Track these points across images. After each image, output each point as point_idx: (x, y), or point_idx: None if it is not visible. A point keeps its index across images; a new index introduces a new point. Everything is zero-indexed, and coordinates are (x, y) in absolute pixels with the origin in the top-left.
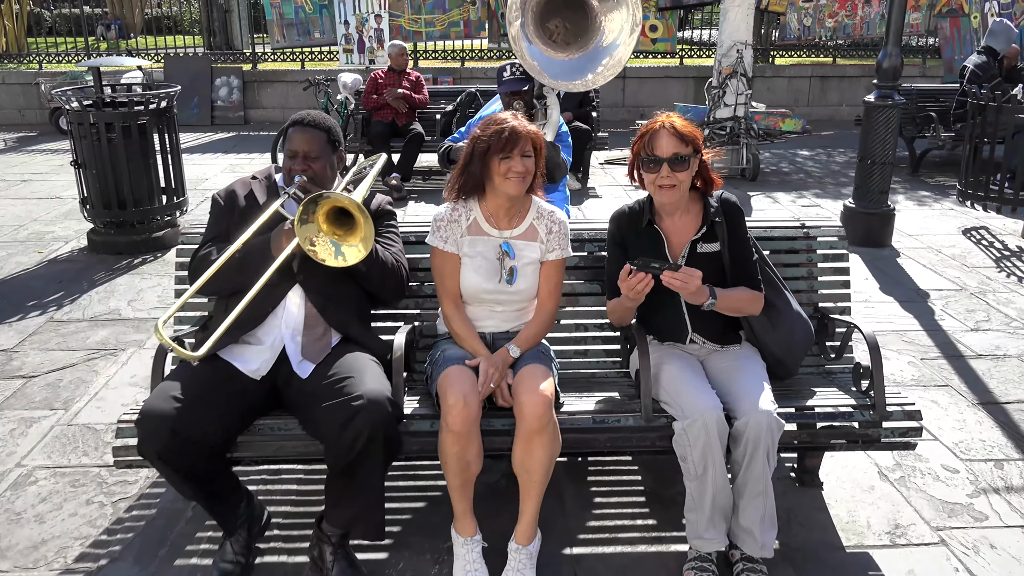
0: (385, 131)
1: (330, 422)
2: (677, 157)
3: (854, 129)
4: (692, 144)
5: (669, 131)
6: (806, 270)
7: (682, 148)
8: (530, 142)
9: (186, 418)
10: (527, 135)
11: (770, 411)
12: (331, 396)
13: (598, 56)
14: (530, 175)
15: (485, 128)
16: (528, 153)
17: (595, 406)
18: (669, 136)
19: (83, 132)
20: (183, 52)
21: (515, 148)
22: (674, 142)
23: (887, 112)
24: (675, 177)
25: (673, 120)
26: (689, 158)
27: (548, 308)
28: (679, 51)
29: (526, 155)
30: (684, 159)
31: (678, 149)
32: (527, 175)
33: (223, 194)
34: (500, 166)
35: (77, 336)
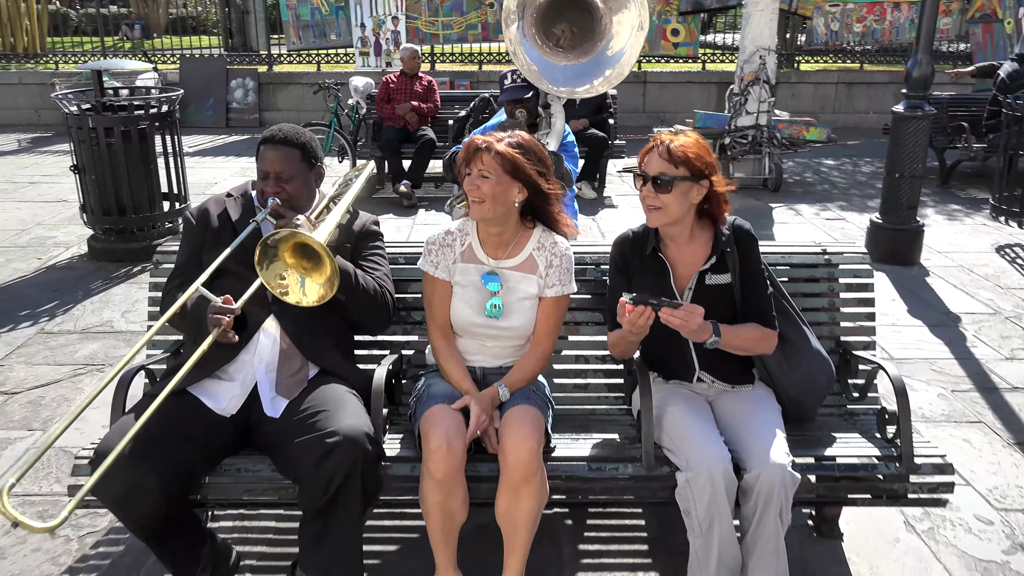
0: (396, 137)
1: (303, 460)
2: (662, 178)
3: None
4: (688, 167)
5: (661, 149)
6: (827, 300)
7: (669, 168)
8: (496, 162)
9: (143, 461)
10: (489, 152)
11: (784, 465)
12: (304, 432)
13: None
14: (495, 203)
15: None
16: (486, 174)
17: (591, 451)
18: (662, 154)
19: (82, 136)
20: (200, 53)
21: (471, 165)
22: (662, 162)
23: (916, 123)
24: (658, 198)
25: (671, 139)
26: (674, 181)
27: (544, 348)
28: (702, 56)
29: (483, 175)
30: (668, 181)
31: (664, 169)
32: (486, 201)
33: (195, 212)
34: (465, 184)
35: (66, 350)
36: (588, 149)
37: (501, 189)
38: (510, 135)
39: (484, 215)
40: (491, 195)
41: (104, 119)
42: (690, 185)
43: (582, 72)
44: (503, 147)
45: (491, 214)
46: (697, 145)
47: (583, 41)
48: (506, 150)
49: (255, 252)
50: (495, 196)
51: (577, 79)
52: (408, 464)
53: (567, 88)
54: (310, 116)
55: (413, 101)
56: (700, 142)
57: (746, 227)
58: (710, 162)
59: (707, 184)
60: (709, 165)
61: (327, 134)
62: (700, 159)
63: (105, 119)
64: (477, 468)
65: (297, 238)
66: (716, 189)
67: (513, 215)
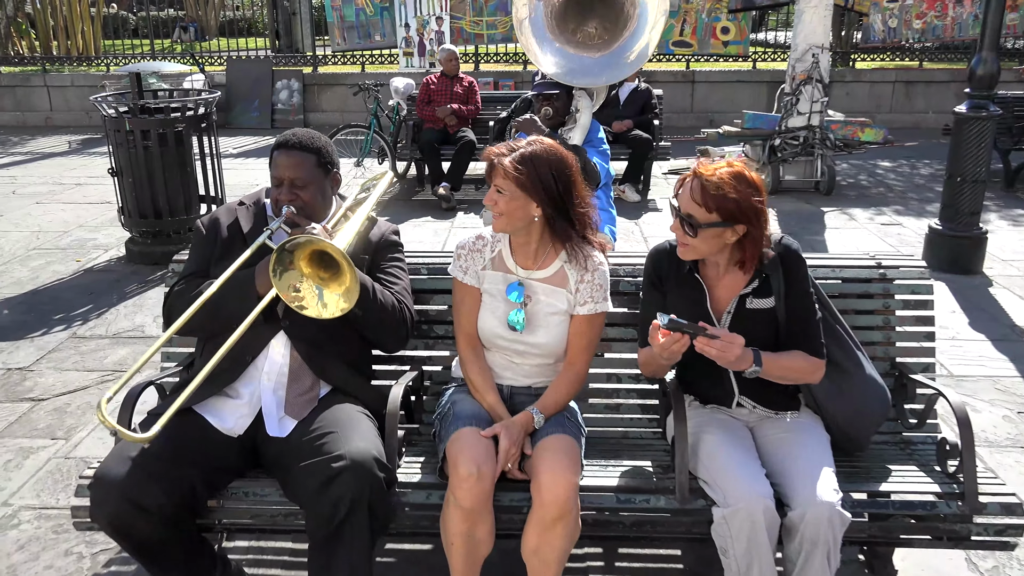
0: (436, 138)
1: (307, 485)
2: (689, 219)
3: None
4: (722, 212)
5: (694, 187)
6: (882, 318)
7: (698, 212)
8: (508, 178)
9: (143, 484)
10: (499, 168)
11: (832, 503)
12: (310, 455)
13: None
14: (511, 218)
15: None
16: (501, 190)
17: (620, 480)
18: (694, 191)
19: (119, 139)
20: (247, 55)
21: (489, 178)
22: (693, 202)
23: (980, 124)
24: (685, 237)
25: (708, 173)
26: (702, 227)
27: (576, 369)
28: (752, 54)
29: (498, 190)
30: (694, 226)
31: (693, 211)
32: (503, 216)
33: (206, 222)
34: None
35: (96, 355)
36: (632, 151)
37: (516, 205)
38: (527, 143)
39: (504, 228)
40: (507, 211)
41: (141, 122)
42: (722, 230)
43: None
44: (509, 163)
45: (509, 228)
46: (738, 182)
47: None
48: (511, 166)
49: (270, 259)
50: (511, 212)
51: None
52: (425, 491)
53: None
54: (354, 117)
55: (454, 103)
56: (744, 176)
57: (794, 247)
58: (752, 204)
59: (743, 229)
60: (749, 209)
61: (366, 135)
62: (738, 202)
63: (142, 122)
64: (498, 498)
65: (316, 245)
66: (754, 237)
67: (536, 227)
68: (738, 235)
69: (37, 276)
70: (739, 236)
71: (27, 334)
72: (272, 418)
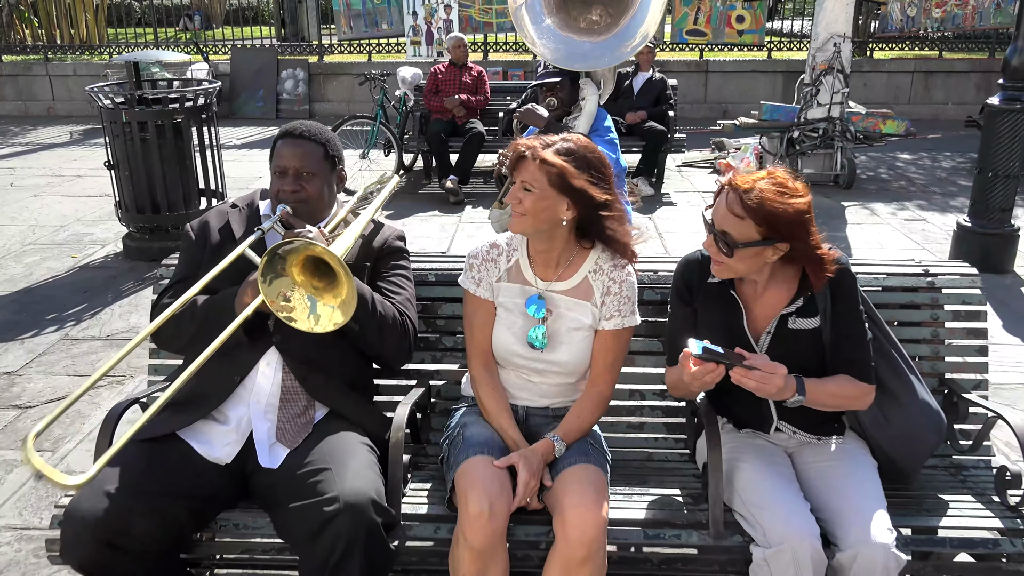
0: (443, 130)
1: (299, 528)
2: (725, 237)
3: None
4: (762, 229)
5: (731, 200)
6: (930, 331)
7: (735, 228)
8: (541, 173)
9: (118, 522)
10: (534, 161)
11: (887, 544)
12: (302, 494)
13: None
14: (536, 220)
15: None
16: (530, 186)
17: (648, 512)
18: (731, 205)
19: (116, 131)
20: (252, 44)
21: (515, 173)
22: (730, 217)
23: (1014, 117)
24: (721, 255)
25: (747, 186)
26: (739, 247)
27: (600, 389)
28: (767, 44)
29: (526, 187)
30: (731, 244)
31: (729, 228)
32: (527, 216)
33: (195, 226)
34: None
35: (88, 358)
36: (646, 142)
37: (545, 204)
38: (563, 139)
39: (524, 230)
40: (533, 211)
41: (138, 113)
42: (761, 249)
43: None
44: (551, 155)
45: (532, 230)
46: (781, 195)
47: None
48: (554, 159)
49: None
50: (537, 212)
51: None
52: (432, 525)
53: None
54: (360, 108)
55: (462, 93)
56: (787, 187)
57: (843, 262)
58: (797, 219)
59: (786, 247)
60: (794, 224)
61: (372, 127)
62: (779, 218)
63: (139, 113)
64: (513, 532)
65: (311, 250)
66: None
67: (561, 232)
68: (780, 253)
69: (31, 273)
70: (781, 254)
71: (18, 335)
72: (263, 447)
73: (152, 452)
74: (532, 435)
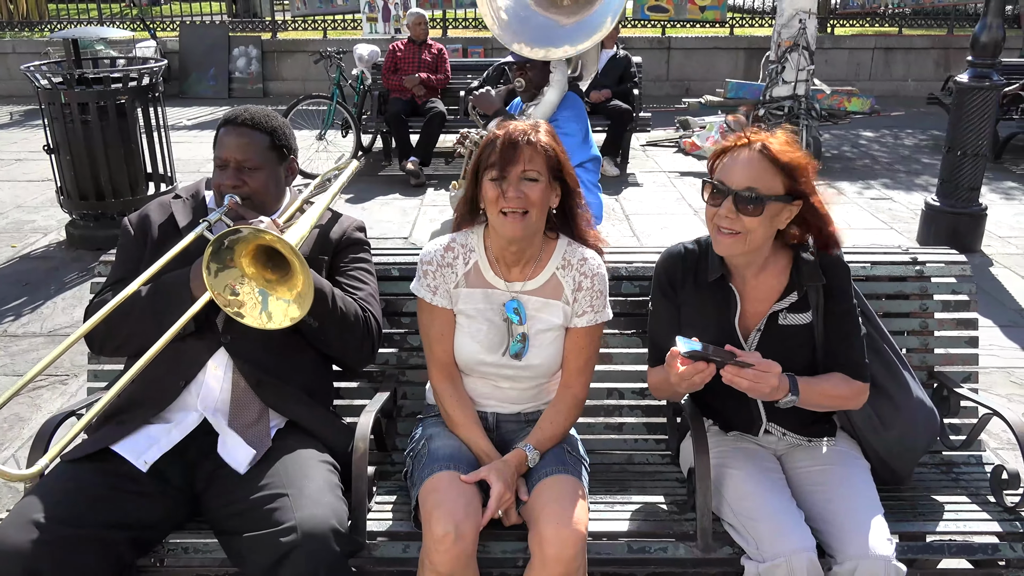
0: (403, 110)
1: (255, 562)
2: (751, 195)
3: (923, 108)
4: (790, 181)
5: (755, 154)
6: (919, 322)
7: (765, 183)
8: (541, 157)
9: (50, 555)
10: (533, 147)
11: (888, 557)
12: (257, 522)
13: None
14: (537, 208)
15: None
16: (533, 176)
17: (631, 523)
18: (753, 160)
19: (55, 113)
20: (201, 20)
21: (511, 166)
22: (755, 171)
23: (984, 95)
24: (740, 221)
25: (771, 140)
26: (768, 200)
27: (575, 391)
28: (730, 20)
29: (529, 178)
30: (760, 200)
31: (757, 183)
32: (531, 208)
33: (134, 220)
34: (488, 189)
35: (28, 356)
36: (611, 122)
37: (547, 194)
38: (536, 122)
39: (529, 229)
40: (539, 203)
41: (77, 94)
42: (782, 206)
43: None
44: (546, 138)
45: (537, 227)
46: (794, 144)
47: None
48: (550, 142)
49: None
50: (542, 204)
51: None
52: (401, 544)
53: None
54: (316, 87)
55: (422, 71)
56: (795, 140)
57: (836, 253)
58: (813, 166)
59: (800, 204)
60: (812, 171)
61: (329, 107)
62: (805, 169)
63: (79, 94)
64: (488, 548)
65: (261, 238)
66: (818, 211)
67: (541, 224)
68: (792, 214)
69: None
70: (792, 216)
71: None
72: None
73: (87, 476)
74: (504, 443)
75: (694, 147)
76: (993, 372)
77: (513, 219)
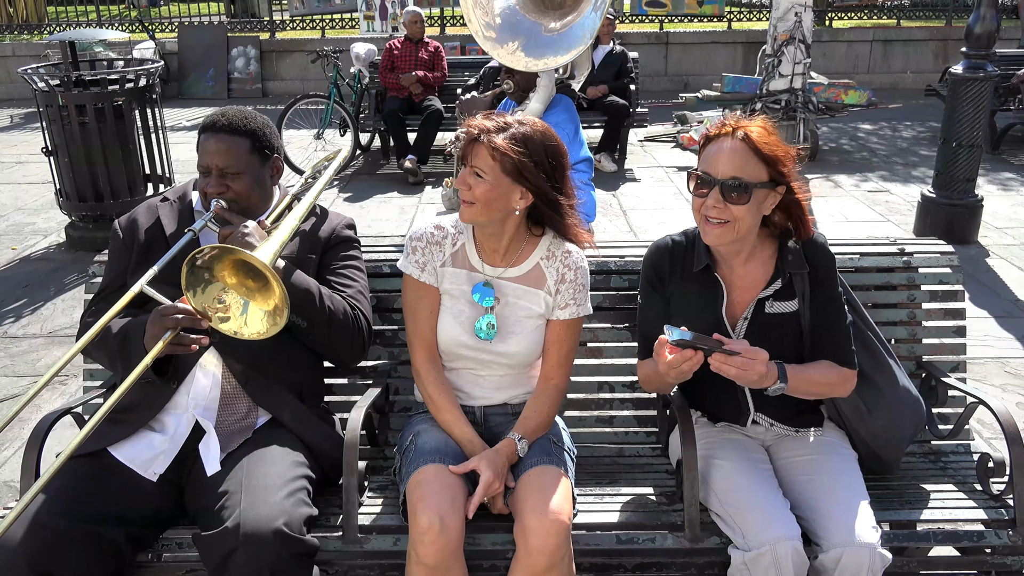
0: (400, 108)
1: (207, 560)
2: (737, 183)
3: (921, 100)
4: (772, 168)
5: (738, 143)
6: (907, 312)
7: (749, 171)
8: (494, 160)
9: (51, 550)
10: (485, 145)
11: (873, 544)
12: (209, 521)
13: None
14: (488, 208)
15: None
16: (481, 172)
17: (620, 515)
18: (736, 150)
19: (53, 115)
20: (200, 21)
21: (464, 155)
22: (739, 160)
23: (978, 86)
24: (728, 210)
25: (752, 128)
26: (754, 188)
27: (556, 382)
28: (727, 14)
29: (477, 173)
30: (746, 188)
31: (741, 172)
32: (476, 204)
33: (123, 223)
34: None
35: (28, 357)
36: (608, 117)
37: (498, 193)
38: (519, 123)
39: (474, 219)
40: (484, 199)
41: (75, 96)
42: (767, 192)
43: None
44: (503, 142)
45: (483, 219)
46: (776, 135)
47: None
48: (507, 146)
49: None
50: (489, 201)
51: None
52: (392, 536)
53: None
54: (315, 86)
55: (419, 69)
56: (774, 129)
57: (821, 241)
58: (793, 154)
59: (784, 190)
60: (791, 159)
61: (327, 105)
62: (786, 156)
63: (76, 96)
64: (478, 540)
65: (232, 255)
66: (797, 196)
67: (512, 221)
68: (777, 200)
69: None
70: (777, 202)
71: None
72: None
73: (85, 472)
74: (493, 436)
75: (692, 142)
76: (988, 363)
77: (465, 206)
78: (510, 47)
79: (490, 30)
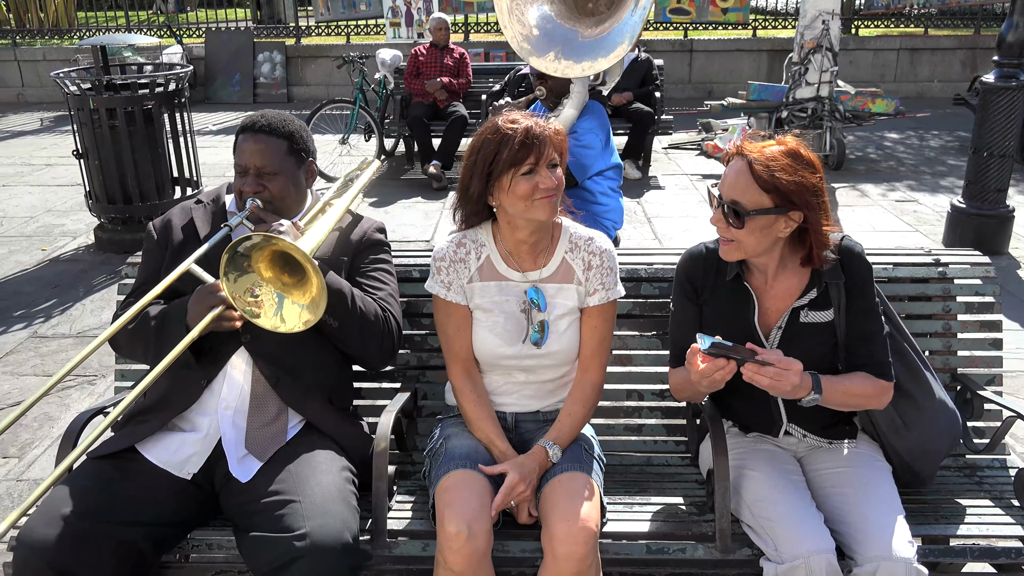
0: (425, 113)
1: (259, 561)
2: (734, 208)
3: (949, 109)
4: (775, 195)
5: (743, 166)
6: (942, 323)
7: (748, 195)
8: (554, 145)
9: (72, 551)
10: (551, 136)
11: (909, 560)
12: (265, 524)
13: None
14: (561, 190)
15: (482, 134)
16: (555, 161)
17: (651, 524)
18: (741, 172)
19: (84, 119)
20: (227, 26)
21: (535, 156)
22: (741, 184)
23: (1010, 95)
24: (730, 231)
25: (757, 153)
26: (752, 214)
27: (591, 376)
28: (752, 22)
29: (553, 164)
30: (740, 213)
31: (739, 196)
32: (560, 190)
33: (158, 225)
34: (519, 185)
35: (57, 357)
36: (632, 125)
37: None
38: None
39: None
40: (563, 184)
41: (106, 99)
42: (774, 219)
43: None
44: (553, 126)
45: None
46: (793, 160)
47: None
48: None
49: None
50: (563, 184)
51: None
52: (420, 542)
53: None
54: (339, 91)
55: (444, 75)
56: (800, 154)
57: (857, 250)
58: (810, 184)
59: (800, 216)
60: (806, 190)
61: (352, 111)
62: (794, 182)
63: (107, 99)
64: (506, 547)
65: (275, 245)
66: (815, 225)
67: None
68: (792, 225)
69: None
70: (794, 227)
71: None
72: (233, 457)
73: (111, 473)
74: (523, 443)
75: (716, 149)
76: (1021, 376)
77: (547, 203)
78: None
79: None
